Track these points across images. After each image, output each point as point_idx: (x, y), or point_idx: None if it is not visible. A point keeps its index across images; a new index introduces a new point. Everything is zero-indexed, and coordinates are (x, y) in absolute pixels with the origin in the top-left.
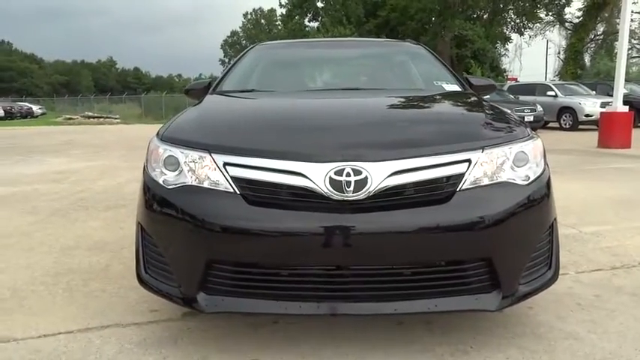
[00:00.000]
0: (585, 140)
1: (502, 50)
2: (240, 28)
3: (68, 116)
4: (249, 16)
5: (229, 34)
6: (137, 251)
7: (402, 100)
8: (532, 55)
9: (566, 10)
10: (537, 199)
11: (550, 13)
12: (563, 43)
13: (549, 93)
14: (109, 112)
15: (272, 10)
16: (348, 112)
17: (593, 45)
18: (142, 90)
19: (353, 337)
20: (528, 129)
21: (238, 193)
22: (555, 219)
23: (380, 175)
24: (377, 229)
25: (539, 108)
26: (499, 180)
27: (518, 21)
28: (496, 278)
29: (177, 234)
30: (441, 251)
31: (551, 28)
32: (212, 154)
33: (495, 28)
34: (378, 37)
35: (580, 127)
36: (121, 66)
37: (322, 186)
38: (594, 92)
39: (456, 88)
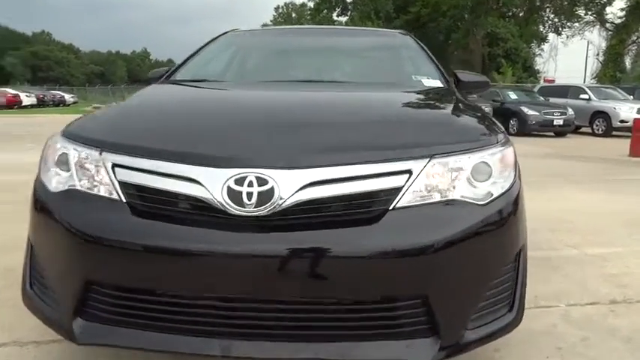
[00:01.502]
0: (617, 148)
1: (536, 50)
2: (270, 21)
3: (97, 105)
4: (280, 10)
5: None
6: (24, 264)
7: (358, 96)
8: (569, 56)
9: (608, 9)
10: (498, 223)
11: (590, 13)
12: (603, 44)
13: (582, 96)
14: None
15: (304, 5)
16: (281, 109)
17: (635, 47)
18: None
19: None
20: (500, 135)
21: (124, 201)
22: (524, 246)
23: (291, 186)
24: (282, 252)
25: (570, 111)
26: (449, 197)
27: (555, 20)
28: (433, 321)
29: (55, 247)
30: (361, 284)
31: (591, 29)
32: (103, 153)
33: (531, 26)
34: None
35: (614, 133)
36: (154, 57)
37: (219, 197)
38: (632, 97)
39: (437, 84)
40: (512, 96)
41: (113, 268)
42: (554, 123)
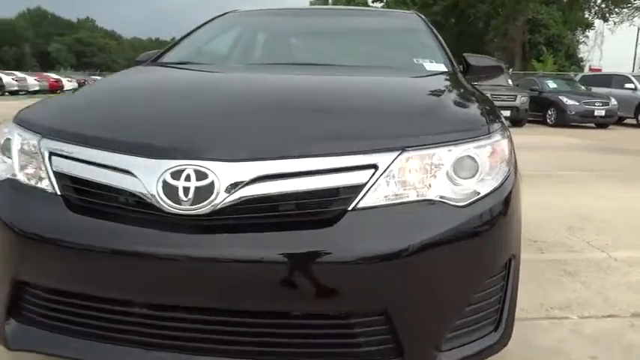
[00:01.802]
0: None
1: (580, 37)
2: None
3: None
4: None
5: None
6: None
7: (339, 80)
8: (616, 44)
9: None
10: (482, 228)
11: None
12: None
13: (628, 85)
14: None
15: None
16: (241, 94)
17: None
18: None
19: None
20: (494, 125)
21: (59, 193)
22: (514, 256)
23: (235, 181)
24: (218, 257)
25: (613, 102)
26: (424, 197)
27: (602, 5)
28: (397, 341)
29: None
30: (312, 296)
31: None
32: (43, 140)
33: (576, 12)
34: (447, 21)
35: None
36: None
37: (153, 191)
38: None
39: (441, 68)
40: (551, 85)
41: (44, 268)
42: (596, 114)
